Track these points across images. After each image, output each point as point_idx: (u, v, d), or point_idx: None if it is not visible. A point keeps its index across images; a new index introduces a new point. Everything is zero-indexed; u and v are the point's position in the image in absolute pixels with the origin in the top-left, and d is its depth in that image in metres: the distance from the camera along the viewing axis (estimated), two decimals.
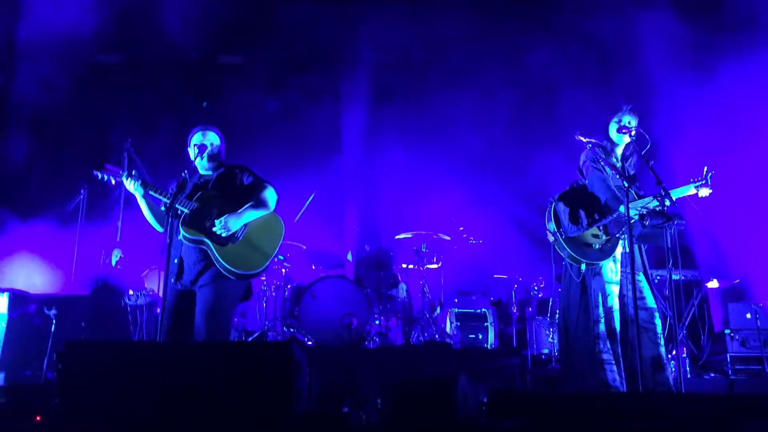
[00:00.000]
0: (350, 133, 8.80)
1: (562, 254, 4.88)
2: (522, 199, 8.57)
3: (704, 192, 4.68)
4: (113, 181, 4.59)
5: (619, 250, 4.78)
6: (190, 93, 8.83)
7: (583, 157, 4.99)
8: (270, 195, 4.81)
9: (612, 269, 4.77)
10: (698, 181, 4.68)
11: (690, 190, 4.69)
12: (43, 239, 8.02)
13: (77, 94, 8.53)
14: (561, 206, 4.89)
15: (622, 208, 4.59)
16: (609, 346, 4.64)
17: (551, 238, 4.93)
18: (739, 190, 6.97)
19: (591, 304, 4.71)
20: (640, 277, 4.72)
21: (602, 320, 4.67)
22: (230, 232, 4.56)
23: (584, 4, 7.18)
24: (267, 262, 4.71)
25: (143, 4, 7.79)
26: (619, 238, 4.74)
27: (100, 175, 4.58)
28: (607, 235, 4.74)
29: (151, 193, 4.58)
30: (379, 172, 8.83)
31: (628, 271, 4.61)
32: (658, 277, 6.13)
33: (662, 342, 4.62)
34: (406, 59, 8.97)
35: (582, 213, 4.81)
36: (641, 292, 4.68)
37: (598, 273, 4.76)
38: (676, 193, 4.63)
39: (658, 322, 4.65)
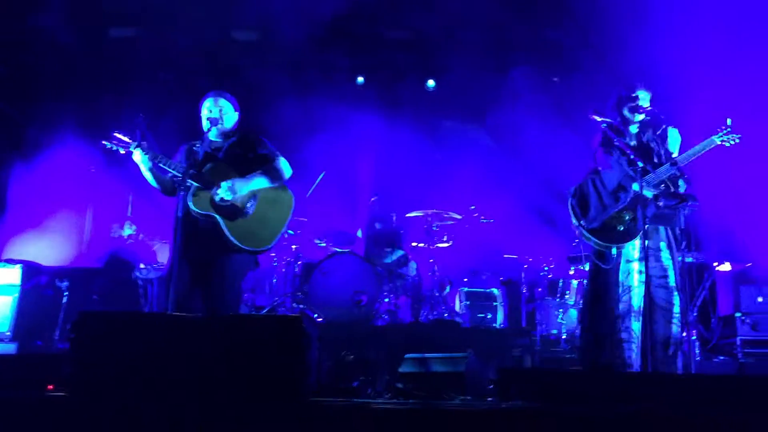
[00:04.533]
0: (363, 109, 8.75)
1: (591, 245, 4.85)
2: (534, 178, 8.53)
3: (731, 141, 4.63)
4: (122, 151, 4.52)
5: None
6: (204, 70, 8.79)
7: (594, 142, 4.97)
8: (283, 166, 4.77)
9: (633, 246, 4.72)
10: (722, 131, 4.64)
11: (713, 143, 4.63)
12: (55, 212, 8.07)
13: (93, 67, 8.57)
14: (576, 200, 4.91)
15: (635, 186, 4.57)
16: (626, 324, 4.63)
17: (577, 232, 4.92)
18: (753, 172, 6.91)
19: (612, 284, 4.70)
20: (666, 255, 4.69)
21: (622, 299, 4.65)
22: (236, 195, 4.53)
23: None
24: (276, 238, 4.69)
25: None
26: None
27: (109, 145, 4.53)
28: (630, 215, 4.70)
29: (161, 165, 4.53)
30: (390, 149, 8.80)
31: (651, 247, 4.61)
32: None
33: (677, 322, 4.59)
34: (421, 36, 8.89)
35: (594, 202, 4.81)
36: (665, 270, 4.66)
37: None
38: (700, 148, 4.61)
39: (676, 302, 4.61)
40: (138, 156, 4.51)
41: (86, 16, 8.14)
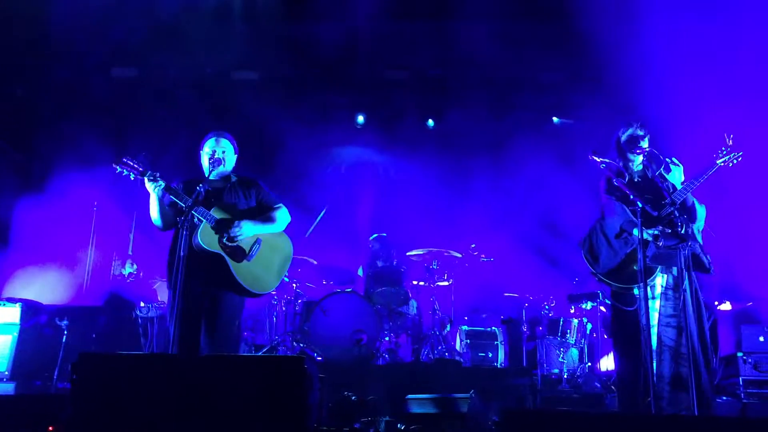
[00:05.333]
0: (364, 148, 8.83)
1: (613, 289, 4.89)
2: (534, 217, 8.56)
3: (733, 161, 4.70)
4: (132, 177, 4.56)
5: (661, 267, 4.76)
6: (204, 109, 8.88)
7: (600, 194, 5.02)
8: (283, 215, 4.88)
9: (654, 284, 4.73)
10: (722, 153, 4.71)
11: (716, 166, 4.70)
12: (57, 250, 8.08)
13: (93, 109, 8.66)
14: (586, 250, 4.97)
15: (635, 231, 4.59)
16: (649, 364, 4.56)
17: (596, 279, 4.96)
18: (752, 211, 6.94)
19: (636, 325, 4.66)
20: (678, 295, 4.65)
21: (644, 339, 4.61)
22: (243, 236, 4.58)
23: (601, 27, 7.18)
24: (277, 283, 4.83)
25: (159, 20, 7.85)
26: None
27: (119, 169, 4.56)
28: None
29: (171, 196, 4.56)
30: (391, 188, 8.85)
31: (664, 286, 4.64)
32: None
33: (685, 363, 4.53)
34: (422, 76, 9.01)
35: (604, 248, 4.86)
36: (675, 310, 4.64)
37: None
38: (703, 174, 4.68)
39: (685, 342, 4.55)
40: (150, 185, 4.54)
41: (90, 55, 8.27)
